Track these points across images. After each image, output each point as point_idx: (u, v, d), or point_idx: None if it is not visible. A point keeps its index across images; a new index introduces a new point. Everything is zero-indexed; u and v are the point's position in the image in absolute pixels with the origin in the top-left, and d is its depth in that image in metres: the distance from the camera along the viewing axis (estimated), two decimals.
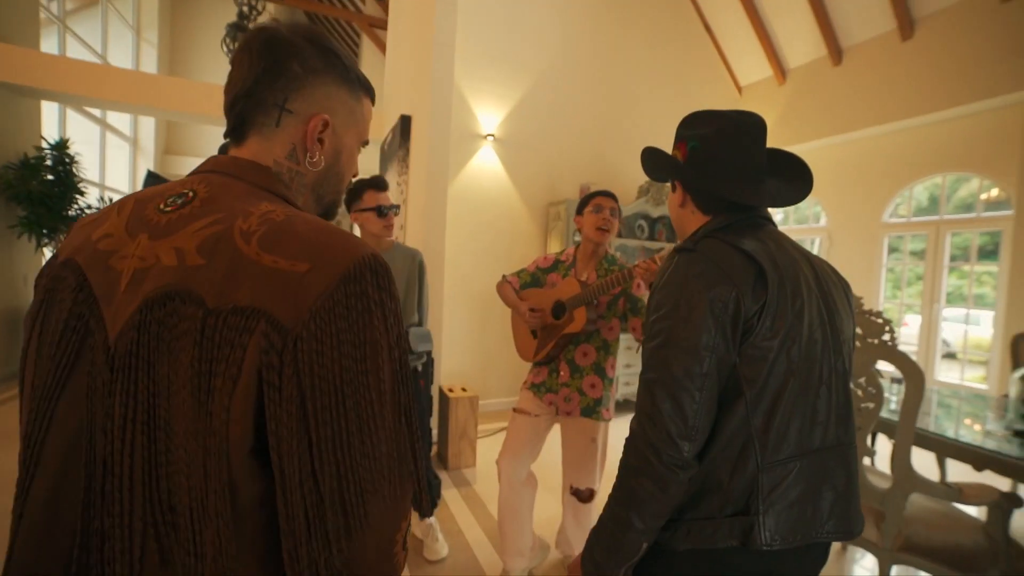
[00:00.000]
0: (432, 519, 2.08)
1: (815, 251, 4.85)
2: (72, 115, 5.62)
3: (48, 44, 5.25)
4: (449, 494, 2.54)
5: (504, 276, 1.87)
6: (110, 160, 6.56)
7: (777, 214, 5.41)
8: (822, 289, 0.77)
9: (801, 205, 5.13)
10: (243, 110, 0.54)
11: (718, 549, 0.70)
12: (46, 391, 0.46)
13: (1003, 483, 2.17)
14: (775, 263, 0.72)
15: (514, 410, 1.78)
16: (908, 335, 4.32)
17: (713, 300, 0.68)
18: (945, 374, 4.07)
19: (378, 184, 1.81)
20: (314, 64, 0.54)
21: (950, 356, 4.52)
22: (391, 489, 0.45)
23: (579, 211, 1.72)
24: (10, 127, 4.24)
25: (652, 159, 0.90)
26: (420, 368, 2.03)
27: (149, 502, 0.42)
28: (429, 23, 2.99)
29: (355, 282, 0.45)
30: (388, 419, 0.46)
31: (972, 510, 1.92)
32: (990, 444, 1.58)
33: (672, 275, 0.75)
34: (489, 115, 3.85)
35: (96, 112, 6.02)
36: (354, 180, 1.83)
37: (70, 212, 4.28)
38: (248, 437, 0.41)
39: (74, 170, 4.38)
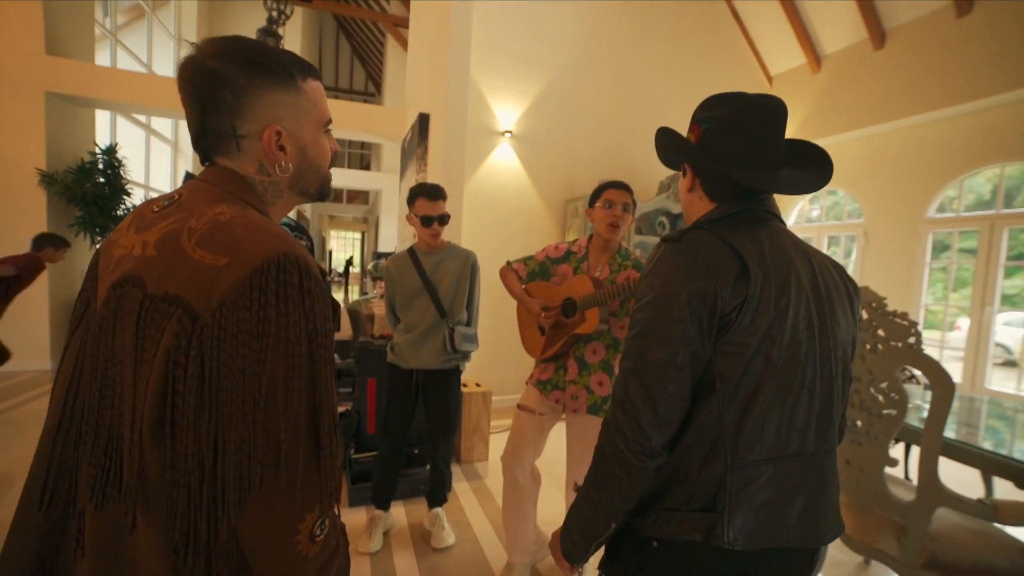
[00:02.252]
0: (439, 509, 2.11)
1: (852, 249, 4.59)
2: (121, 121, 5.99)
3: (101, 57, 5.61)
4: (460, 487, 2.57)
5: (509, 263, 1.81)
6: (154, 163, 6.96)
7: (813, 210, 5.15)
8: (816, 290, 0.73)
9: (837, 200, 4.87)
10: (205, 147, 0.60)
11: (685, 543, 0.70)
12: (64, 349, 0.58)
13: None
14: (762, 259, 0.70)
15: (519, 407, 1.75)
16: (959, 340, 4.01)
17: (691, 293, 0.67)
18: (1000, 383, 3.75)
19: (429, 193, 1.85)
20: (242, 84, 0.57)
21: (1009, 364, 4.18)
22: (288, 476, 0.48)
23: (591, 203, 1.66)
24: (69, 135, 4.58)
25: (664, 140, 0.87)
26: (462, 368, 2.07)
27: (103, 446, 0.50)
28: (445, 21, 3.01)
29: (260, 277, 0.49)
30: (287, 409, 0.48)
31: (1014, 530, 1.78)
32: None
33: (655, 265, 0.74)
34: (507, 112, 3.84)
35: (142, 118, 6.39)
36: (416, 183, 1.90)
37: (119, 212, 4.58)
38: (155, 407, 0.47)
39: (122, 173, 4.67)
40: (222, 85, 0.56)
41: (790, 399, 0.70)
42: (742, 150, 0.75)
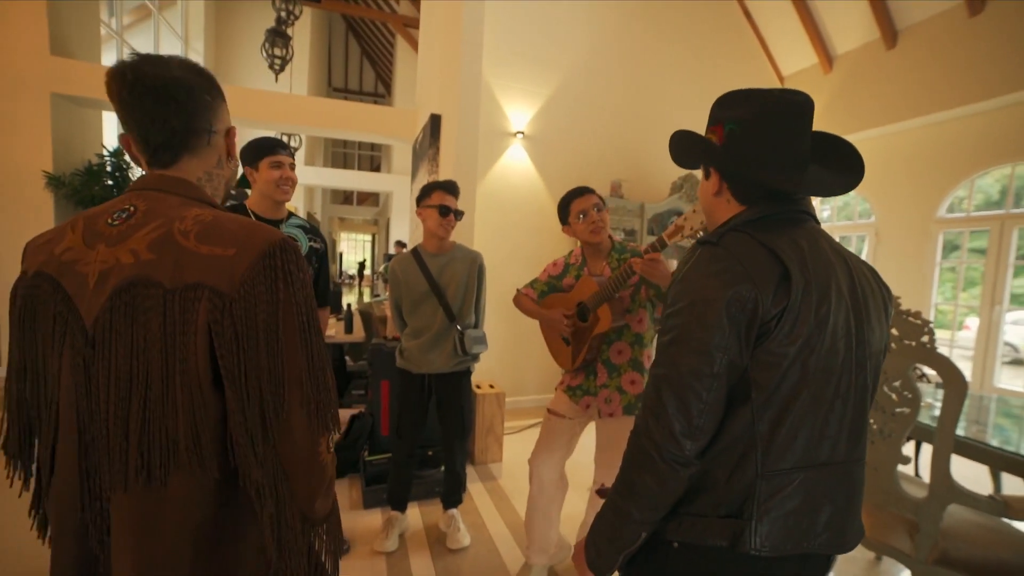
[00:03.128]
0: (455, 511, 2.14)
1: (863, 249, 4.60)
2: None
3: (108, 58, 5.66)
4: (474, 488, 2.60)
5: (519, 289, 1.85)
6: None
7: (824, 210, 5.15)
8: (855, 297, 0.71)
9: (848, 200, 4.87)
10: (182, 142, 0.68)
11: (708, 547, 0.70)
12: (46, 369, 0.63)
13: None
14: (803, 265, 0.67)
15: (548, 410, 1.76)
16: (968, 339, 4.02)
17: (731, 300, 0.65)
18: (1009, 381, 3.77)
19: (447, 187, 1.89)
20: (214, 91, 0.72)
21: (1017, 362, 4.19)
22: (306, 401, 0.63)
23: (564, 220, 1.67)
24: (75, 137, 4.60)
25: (683, 143, 0.83)
26: (473, 369, 2.08)
27: (144, 429, 0.58)
28: (457, 22, 3.03)
29: (268, 258, 0.61)
30: (300, 355, 0.62)
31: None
32: None
33: (691, 269, 0.71)
34: (519, 113, 3.87)
35: None
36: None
37: None
38: (207, 369, 0.59)
39: (129, 175, 4.71)
40: (204, 90, 0.69)
41: (823, 408, 0.68)
42: (770, 151, 0.72)
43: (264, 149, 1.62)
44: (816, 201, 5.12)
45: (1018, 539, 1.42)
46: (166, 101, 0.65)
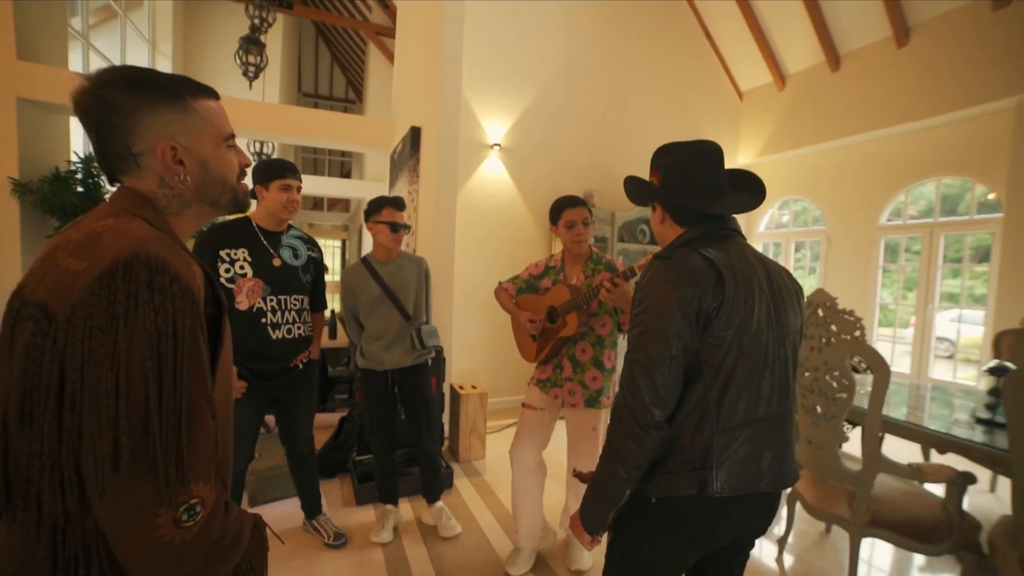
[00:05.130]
0: (440, 503, 2.28)
1: (818, 254, 4.98)
2: None
3: (73, 60, 5.50)
4: (460, 483, 2.73)
5: (500, 283, 2.04)
6: None
7: (783, 216, 5.54)
8: (772, 291, 0.94)
9: (805, 206, 5.26)
10: (108, 168, 0.65)
11: (681, 497, 0.89)
12: None
13: (979, 469, 2.31)
14: (732, 269, 0.89)
15: (523, 405, 1.96)
16: (910, 335, 4.42)
17: (681, 298, 0.86)
18: (941, 373, 4.19)
19: (396, 204, 2.06)
20: (126, 105, 0.61)
21: (947, 355, 4.62)
22: (130, 464, 0.50)
23: (553, 222, 1.86)
24: (42, 143, 4.48)
25: (633, 186, 1.08)
26: (430, 363, 2.25)
27: None
28: (437, 39, 3.15)
29: (110, 276, 0.52)
30: (133, 398, 0.51)
31: (934, 488, 2.09)
32: (959, 432, 1.74)
33: (652, 278, 0.92)
34: (495, 125, 4.03)
35: None
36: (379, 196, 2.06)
37: None
38: (18, 402, 0.51)
39: (102, 182, 4.61)
40: (109, 109, 0.60)
41: (756, 376, 0.89)
42: (693, 186, 0.97)
43: (276, 171, 1.74)
44: (774, 209, 5.50)
45: (931, 500, 1.67)
46: (84, 123, 0.61)
